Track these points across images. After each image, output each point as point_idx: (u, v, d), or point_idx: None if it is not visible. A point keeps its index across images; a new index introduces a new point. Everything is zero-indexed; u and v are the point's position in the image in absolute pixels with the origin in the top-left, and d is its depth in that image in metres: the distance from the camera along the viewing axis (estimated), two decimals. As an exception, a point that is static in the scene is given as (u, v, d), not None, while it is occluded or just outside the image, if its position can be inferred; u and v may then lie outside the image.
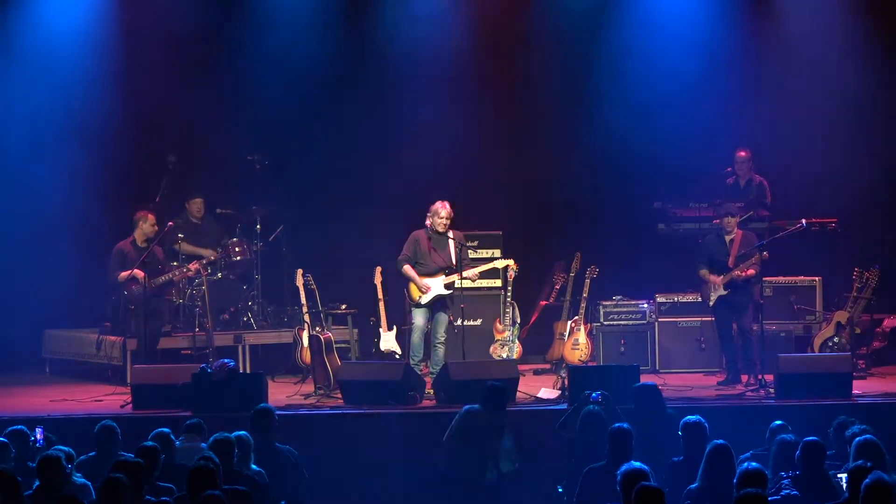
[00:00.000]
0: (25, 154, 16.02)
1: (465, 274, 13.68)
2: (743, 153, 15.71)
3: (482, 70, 16.46)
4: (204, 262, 15.02)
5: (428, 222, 13.89)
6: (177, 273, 14.55)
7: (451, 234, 13.91)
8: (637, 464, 8.37)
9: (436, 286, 13.81)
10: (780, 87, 16.28)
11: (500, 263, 14.19)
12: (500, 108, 16.47)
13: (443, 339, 13.83)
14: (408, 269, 13.85)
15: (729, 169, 15.79)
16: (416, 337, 13.89)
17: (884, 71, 15.96)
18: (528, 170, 16.36)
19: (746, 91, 16.38)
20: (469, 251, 14.41)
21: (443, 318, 13.85)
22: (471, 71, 16.41)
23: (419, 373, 13.54)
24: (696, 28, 16.00)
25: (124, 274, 14.22)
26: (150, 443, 9.51)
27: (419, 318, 13.87)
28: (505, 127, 16.50)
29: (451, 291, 13.84)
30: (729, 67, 16.26)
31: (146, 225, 14.46)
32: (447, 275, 13.82)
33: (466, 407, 11.22)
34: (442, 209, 13.79)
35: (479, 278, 14.17)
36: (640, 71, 16.10)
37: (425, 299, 13.82)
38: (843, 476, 8.92)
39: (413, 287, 13.86)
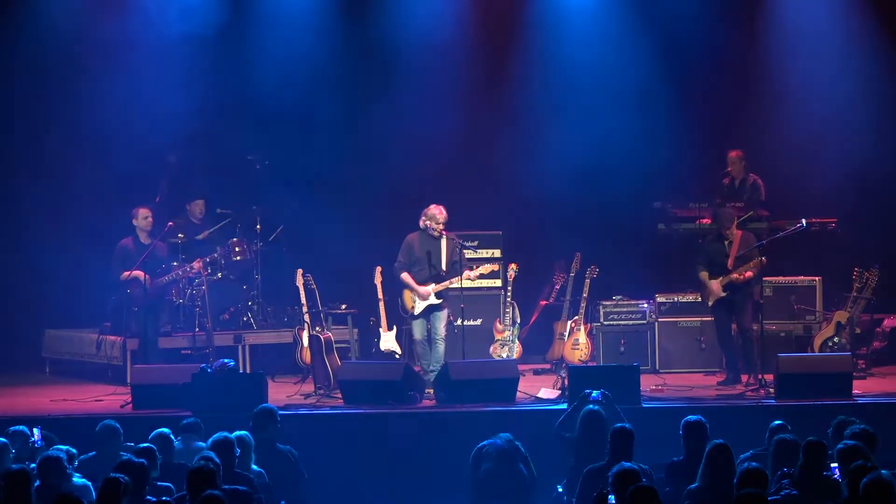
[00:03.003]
0: (26, 154, 16.03)
1: (446, 284, 13.68)
2: (734, 153, 15.70)
3: (482, 70, 16.46)
4: (208, 259, 14.98)
5: (422, 224, 13.86)
6: (180, 272, 14.53)
7: (444, 233, 13.87)
8: (628, 464, 8.38)
9: (429, 296, 13.79)
10: (779, 86, 16.28)
11: (485, 269, 14.17)
12: (499, 108, 16.47)
13: (443, 334, 13.81)
14: (405, 276, 13.85)
15: (729, 169, 15.80)
16: (419, 348, 13.94)
17: (884, 70, 15.97)
18: (528, 170, 16.35)
19: (746, 90, 16.39)
20: (466, 251, 14.35)
21: (440, 315, 13.82)
22: (471, 71, 16.42)
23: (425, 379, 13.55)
24: (694, 27, 15.99)
25: (126, 274, 14.19)
26: (149, 443, 9.52)
27: (417, 330, 13.90)
28: (505, 127, 16.50)
29: (441, 300, 13.81)
30: (728, 66, 16.28)
31: (139, 220, 14.43)
32: (437, 282, 13.79)
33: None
34: (439, 214, 13.76)
35: (483, 276, 14.21)
36: (639, 70, 16.11)
37: (417, 309, 13.83)
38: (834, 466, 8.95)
39: (407, 295, 13.85)
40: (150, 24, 15.91)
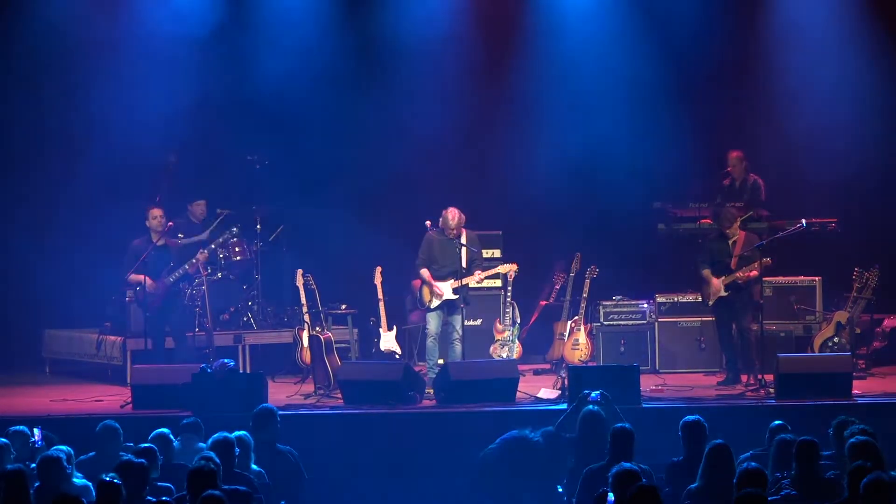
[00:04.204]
0: (26, 154, 16.03)
1: (465, 280, 13.77)
2: (735, 154, 15.70)
3: (482, 69, 16.46)
4: (213, 245, 14.85)
5: (440, 225, 13.97)
6: (187, 266, 14.32)
7: (463, 232, 13.96)
8: (628, 464, 8.38)
9: (446, 291, 13.89)
10: (779, 86, 16.28)
11: (503, 269, 14.28)
12: (499, 108, 16.47)
13: (458, 336, 13.86)
14: (425, 272, 14.01)
15: (729, 169, 15.79)
16: (430, 342, 14.06)
17: (884, 69, 15.97)
18: (528, 170, 16.36)
19: (746, 90, 16.40)
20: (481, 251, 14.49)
21: (456, 318, 13.89)
22: (470, 70, 16.42)
23: (431, 375, 13.57)
24: (693, 26, 16.00)
25: (133, 277, 14.04)
26: (149, 443, 9.52)
27: (432, 323, 14.02)
28: (505, 126, 16.50)
29: (458, 296, 13.89)
30: (728, 66, 16.29)
31: (149, 221, 14.22)
32: (456, 279, 13.87)
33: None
34: (452, 220, 13.87)
35: (499, 275, 14.43)
36: (639, 70, 16.11)
37: (434, 304, 13.93)
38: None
39: (425, 290, 13.98)
40: (148, 23, 15.90)
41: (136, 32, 15.92)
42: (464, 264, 13.91)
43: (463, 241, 13.93)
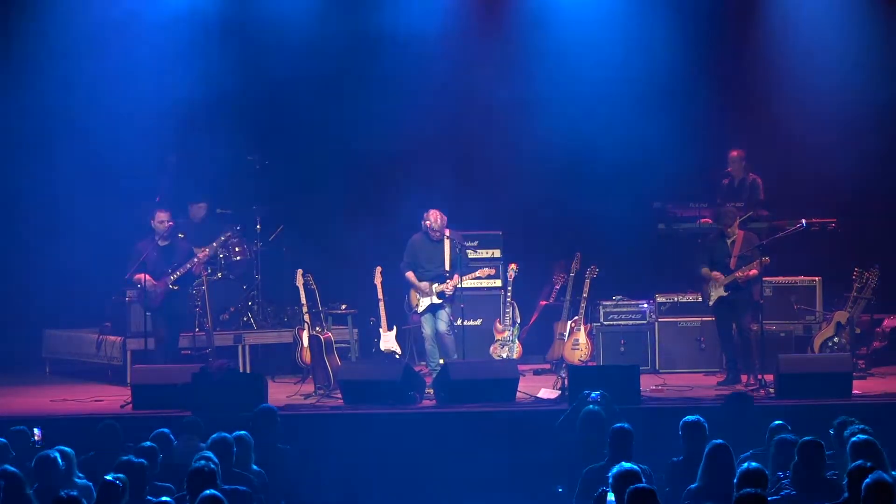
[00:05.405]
0: (26, 154, 16.03)
1: (441, 288, 13.82)
2: (735, 153, 15.71)
3: (482, 68, 16.46)
4: (215, 245, 14.84)
5: (425, 227, 13.99)
6: (188, 265, 14.22)
7: (447, 233, 13.98)
8: (628, 465, 8.38)
9: (430, 295, 13.91)
10: (779, 85, 16.28)
11: (483, 273, 14.33)
12: (499, 108, 16.46)
13: (446, 330, 13.90)
14: (410, 275, 14.04)
15: (729, 169, 15.80)
16: (428, 346, 14.10)
17: (884, 69, 15.97)
18: (528, 169, 16.36)
19: (745, 89, 16.40)
20: (468, 252, 14.48)
21: (443, 315, 13.91)
22: (470, 69, 16.42)
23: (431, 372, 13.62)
24: (693, 25, 16.00)
25: (137, 276, 14.00)
26: (149, 443, 9.52)
27: (425, 326, 14.07)
28: (505, 126, 16.49)
29: (442, 300, 13.90)
30: (728, 65, 16.29)
31: (153, 222, 14.21)
32: (440, 282, 13.88)
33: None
34: (435, 222, 13.91)
35: (479, 278, 14.37)
36: (638, 70, 16.11)
37: (421, 307, 13.97)
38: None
39: (413, 293, 14.05)
40: (149, 22, 15.90)
41: (136, 31, 15.91)
42: (447, 267, 13.92)
43: (447, 244, 13.93)
